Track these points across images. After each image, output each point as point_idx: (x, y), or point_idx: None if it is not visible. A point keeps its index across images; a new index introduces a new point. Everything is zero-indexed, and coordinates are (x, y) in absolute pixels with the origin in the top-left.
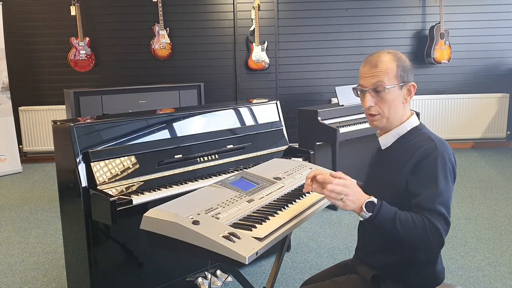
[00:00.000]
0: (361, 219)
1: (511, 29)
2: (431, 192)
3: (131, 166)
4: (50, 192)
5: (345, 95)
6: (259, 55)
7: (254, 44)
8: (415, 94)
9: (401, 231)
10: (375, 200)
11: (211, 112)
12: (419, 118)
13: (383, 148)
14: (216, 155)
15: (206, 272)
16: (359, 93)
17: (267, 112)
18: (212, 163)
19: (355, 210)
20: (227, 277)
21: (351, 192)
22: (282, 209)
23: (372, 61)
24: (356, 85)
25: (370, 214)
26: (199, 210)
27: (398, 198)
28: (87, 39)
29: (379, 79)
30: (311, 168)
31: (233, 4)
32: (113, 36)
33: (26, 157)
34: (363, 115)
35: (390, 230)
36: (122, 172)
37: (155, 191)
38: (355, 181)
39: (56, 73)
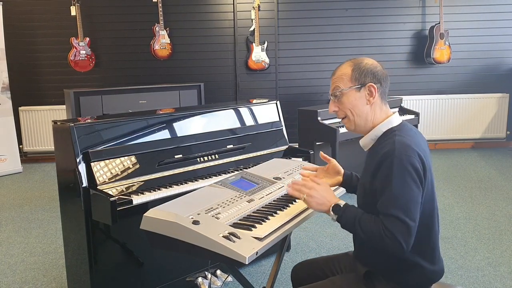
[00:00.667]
0: (331, 219)
1: (511, 29)
2: (386, 197)
3: (131, 166)
4: (50, 192)
5: None
6: (259, 55)
7: (254, 44)
8: (415, 94)
9: (361, 234)
10: (341, 203)
11: (211, 112)
12: (419, 119)
13: (364, 149)
14: (216, 155)
15: (206, 272)
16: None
17: (267, 112)
18: (212, 163)
19: (323, 212)
20: (227, 277)
21: (313, 193)
22: (282, 209)
23: (334, 71)
24: None
25: (336, 216)
26: (199, 210)
27: (366, 199)
28: (87, 39)
29: (336, 84)
30: None
31: (233, 4)
32: (113, 36)
33: (26, 157)
34: None
35: (353, 232)
36: (122, 172)
37: (155, 191)
38: (327, 185)
39: (56, 73)
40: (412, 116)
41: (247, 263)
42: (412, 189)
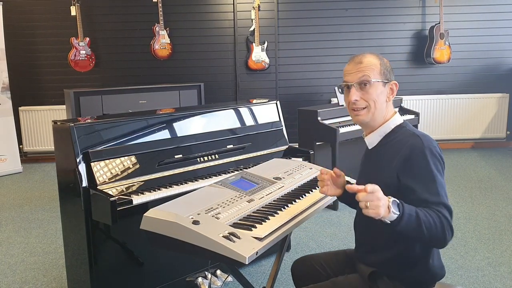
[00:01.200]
0: (388, 222)
1: (511, 29)
2: (433, 187)
3: (131, 166)
4: (50, 192)
5: None
6: (259, 55)
7: (254, 44)
8: (415, 94)
9: (424, 229)
10: (395, 199)
11: (211, 112)
12: (419, 119)
13: (370, 147)
14: (216, 155)
15: (206, 272)
16: (342, 90)
17: (267, 112)
18: (212, 163)
19: (384, 213)
20: (227, 277)
21: (374, 197)
22: (282, 209)
23: (356, 59)
24: (340, 83)
25: (398, 213)
26: (199, 210)
27: (388, 195)
28: (87, 39)
29: (365, 73)
30: (311, 168)
31: (233, 4)
32: (113, 36)
33: (26, 157)
34: None
35: (414, 229)
36: (122, 172)
37: (155, 191)
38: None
39: (56, 73)
40: (412, 116)
41: (247, 263)
42: (443, 177)
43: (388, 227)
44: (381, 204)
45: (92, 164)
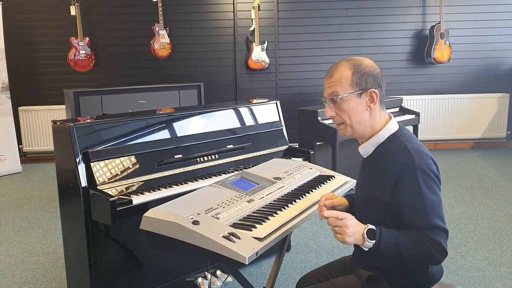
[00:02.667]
0: (365, 249)
1: (511, 29)
2: (422, 209)
3: (131, 166)
4: (50, 192)
5: None
6: (259, 55)
7: (254, 44)
8: (415, 94)
9: (405, 254)
10: (373, 227)
11: (211, 112)
12: (419, 119)
13: (364, 157)
14: (216, 155)
15: (206, 272)
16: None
17: (267, 112)
18: (212, 163)
19: (357, 241)
20: (227, 277)
21: (348, 231)
22: (282, 209)
23: (329, 72)
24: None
25: (374, 241)
26: (199, 210)
27: (382, 211)
28: (87, 39)
29: (334, 89)
30: (311, 168)
31: (233, 4)
32: (113, 36)
33: (26, 157)
34: None
35: (395, 254)
36: (122, 172)
37: (155, 191)
38: (349, 214)
39: (56, 73)
40: (412, 116)
41: (247, 263)
42: (438, 194)
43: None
44: (348, 232)
45: (91, 164)
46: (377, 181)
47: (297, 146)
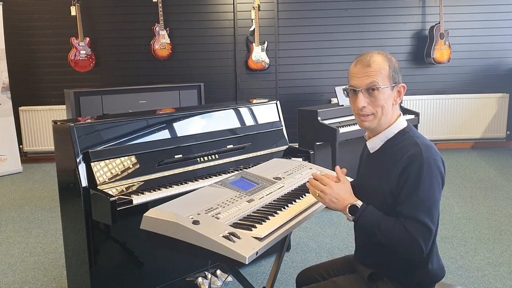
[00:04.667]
0: (348, 220)
1: (511, 29)
2: (412, 200)
3: (131, 166)
4: (50, 192)
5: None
6: (259, 55)
7: (254, 44)
8: (415, 94)
9: (380, 238)
10: (359, 204)
11: (211, 112)
12: (419, 119)
13: (371, 151)
14: (216, 155)
15: (206, 272)
16: (349, 94)
17: (267, 112)
18: (212, 163)
19: (338, 210)
20: (227, 277)
21: (329, 191)
22: (282, 209)
23: (364, 61)
24: (346, 86)
25: (353, 217)
26: (199, 210)
27: (386, 203)
28: (87, 39)
29: (373, 79)
30: (311, 168)
31: (233, 4)
32: (113, 36)
33: (26, 157)
34: None
35: (371, 235)
36: (122, 172)
37: (155, 191)
38: (346, 184)
39: (56, 73)
40: (412, 116)
41: (247, 263)
42: (436, 193)
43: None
44: (329, 197)
45: (92, 164)
46: (384, 174)
47: (297, 146)
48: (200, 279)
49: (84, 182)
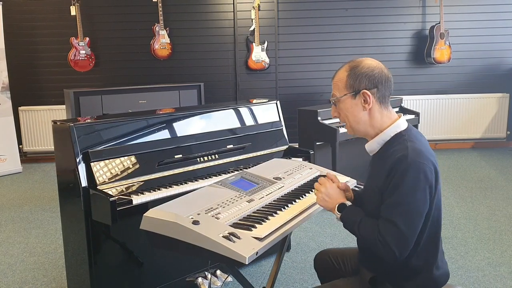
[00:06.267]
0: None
1: (511, 29)
2: (390, 201)
3: (131, 166)
4: (50, 192)
5: None
6: (259, 55)
7: (254, 44)
8: (415, 94)
9: (360, 238)
10: (347, 203)
11: (211, 112)
12: (419, 118)
13: (370, 154)
14: (216, 155)
15: (206, 272)
16: None
17: (267, 112)
18: (212, 163)
19: (329, 209)
20: (227, 277)
21: (323, 190)
22: (282, 209)
23: (334, 74)
24: None
25: (339, 214)
26: (199, 210)
27: (376, 205)
28: (87, 39)
29: (333, 92)
30: (311, 168)
31: (233, 4)
32: (113, 36)
33: (26, 157)
34: None
35: (353, 233)
36: (122, 172)
37: (155, 191)
38: (334, 186)
39: (56, 73)
40: (412, 116)
41: (247, 263)
42: (418, 199)
43: None
44: (321, 196)
45: (92, 164)
46: (377, 176)
47: (297, 146)
48: (200, 279)
49: (84, 182)
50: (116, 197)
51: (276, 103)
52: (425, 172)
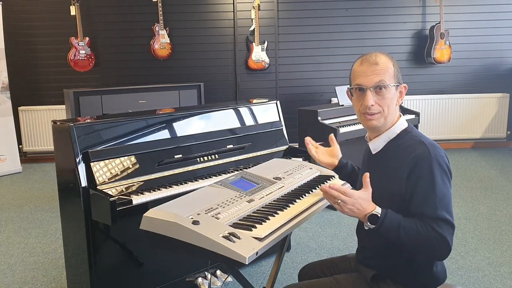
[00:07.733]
0: (366, 228)
1: (511, 29)
2: (431, 199)
3: (131, 166)
4: (50, 192)
5: (345, 95)
6: (259, 55)
7: (254, 44)
8: (415, 94)
9: (406, 241)
10: (379, 212)
11: (211, 112)
12: (419, 118)
13: (373, 153)
14: (216, 155)
15: (206, 272)
16: (353, 93)
17: (267, 112)
18: (212, 163)
19: (358, 218)
20: (227, 277)
21: (350, 202)
22: (282, 209)
23: (370, 59)
24: (351, 86)
25: (374, 226)
26: (199, 210)
27: (394, 205)
28: (87, 39)
29: (382, 77)
30: (311, 168)
31: (233, 4)
32: (113, 36)
33: (26, 157)
34: None
35: (394, 241)
36: (122, 172)
37: (155, 191)
38: (368, 192)
39: (56, 73)
40: (412, 116)
41: (247, 263)
42: (449, 189)
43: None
44: (352, 209)
45: (91, 164)
46: (390, 176)
47: (297, 146)
48: (200, 279)
49: (83, 182)
50: (116, 197)
51: (276, 103)
52: (447, 164)
